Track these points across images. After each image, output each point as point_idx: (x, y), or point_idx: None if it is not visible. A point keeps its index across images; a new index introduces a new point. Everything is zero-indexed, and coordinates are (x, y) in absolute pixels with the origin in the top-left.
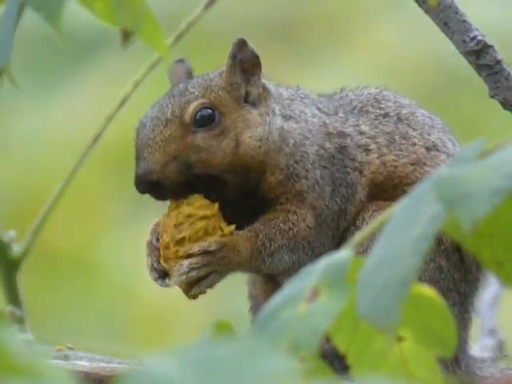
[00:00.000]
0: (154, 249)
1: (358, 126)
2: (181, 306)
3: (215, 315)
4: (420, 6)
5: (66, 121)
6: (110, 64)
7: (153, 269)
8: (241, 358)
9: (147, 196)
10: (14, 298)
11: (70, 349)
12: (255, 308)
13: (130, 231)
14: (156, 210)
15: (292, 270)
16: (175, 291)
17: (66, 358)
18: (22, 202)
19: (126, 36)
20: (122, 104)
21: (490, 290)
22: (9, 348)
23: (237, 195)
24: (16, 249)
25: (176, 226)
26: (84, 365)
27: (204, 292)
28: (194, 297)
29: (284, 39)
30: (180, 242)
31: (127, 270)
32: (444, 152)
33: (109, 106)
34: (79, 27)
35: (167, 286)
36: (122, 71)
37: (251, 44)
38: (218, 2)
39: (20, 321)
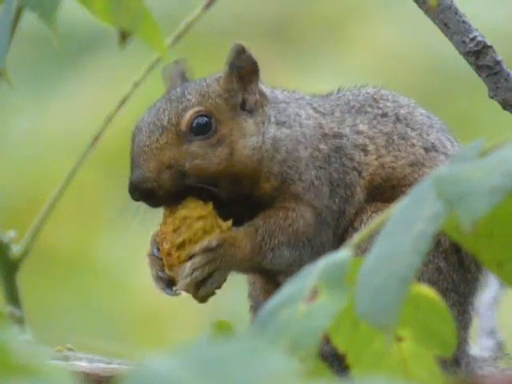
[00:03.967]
0: (156, 259)
1: (355, 125)
2: (180, 305)
3: (214, 314)
4: (420, 7)
5: (66, 120)
6: (109, 63)
7: (158, 279)
8: (241, 357)
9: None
10: (13, 299)
11: (70, 349)
12: (255, 308)
13: (130, 231)
14: (151, 213)
15: (293, 267)
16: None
17: (66, 358)
18: (21, 202)
19: (124, 36)
20: (121, 104)
21: (489, 290)
22: (9, 348)
23: (230, 200)
24: (15, 249)
25: (174, 230)
26: (84, 365)
27: (213, 293)
28: (204, 300)
29: (281, 38)
30: (181, 246)
31: (127, 269)
32: (443, 153)
33: (108, 105)
34: (78, 27)
35: (176, 294)
36: (121, 71)
37: (249, 50)
38: (217, 1)
39: (19, 321)
